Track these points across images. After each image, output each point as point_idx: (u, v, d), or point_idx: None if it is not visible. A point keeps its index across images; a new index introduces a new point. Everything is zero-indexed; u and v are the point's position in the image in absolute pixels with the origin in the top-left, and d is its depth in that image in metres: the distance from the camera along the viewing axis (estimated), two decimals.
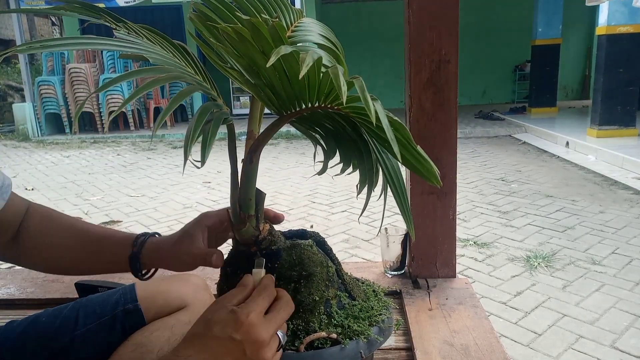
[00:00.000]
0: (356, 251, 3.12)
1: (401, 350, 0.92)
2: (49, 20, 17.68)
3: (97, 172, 5.94)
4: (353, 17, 11.74)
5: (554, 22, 8.95)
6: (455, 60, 1.06)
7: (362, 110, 0.53)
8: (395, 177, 0.59)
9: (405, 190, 0.59)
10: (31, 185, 5.31)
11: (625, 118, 6.26)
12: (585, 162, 5.43)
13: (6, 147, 8.23)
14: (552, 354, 1.96)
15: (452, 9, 1.04)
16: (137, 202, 4.50)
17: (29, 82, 8.98)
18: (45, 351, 0.76)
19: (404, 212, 0.58)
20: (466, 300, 1.06)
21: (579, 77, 12.08)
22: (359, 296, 0.72)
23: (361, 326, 0.66)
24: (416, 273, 1.17)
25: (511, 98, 11.79)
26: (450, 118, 1.08)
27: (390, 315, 0.72)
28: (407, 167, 0.57)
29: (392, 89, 11.67)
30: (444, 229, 1.15)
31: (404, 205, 0.58)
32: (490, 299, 2.41)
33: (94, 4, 0.59)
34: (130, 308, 0.81)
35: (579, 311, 2.27)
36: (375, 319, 0.68)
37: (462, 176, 4.99)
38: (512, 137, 7.59)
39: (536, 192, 4.34)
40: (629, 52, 6.07)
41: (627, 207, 3.80)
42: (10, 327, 0.79)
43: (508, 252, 2.98)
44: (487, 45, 11.62)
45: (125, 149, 7.68)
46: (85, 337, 0.78)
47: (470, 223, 3.56)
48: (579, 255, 2.89)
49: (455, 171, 1.12)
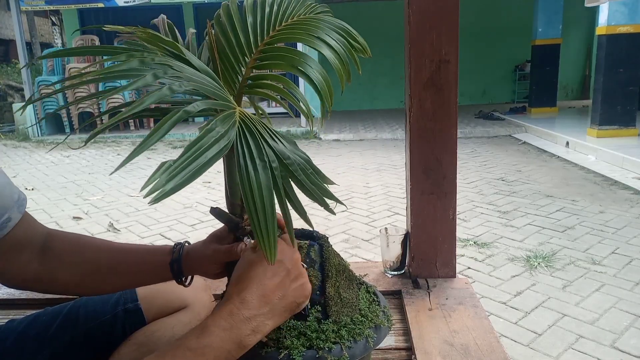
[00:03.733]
0: (356, 251, 3.12)
1: (401, 350, 0.92)
2: (49, 20, 17.68)
3: (97, 172, 5.94)
4: (353, 17, 11.73)
5: (554, 22, 8.95)
6: (455, 60, 1.06)
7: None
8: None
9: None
10: (31, 185, 5.31)
11: (625, 118, 6.26)
12: (585, 162, 5.43)
13: (6, 147, 8.23)
14: (552, 354, 1.96)
15: (452, 9, 1.04)
16: (137, 202, 4.50)
17: (29, 82, 8.98)
18: (46, 350, 0.76)
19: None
20: (466, 300, 1.06)
21: (579, 77, 12.08)
22: (336, 315, 0.67)
23: (295, 344, 0.63)
24: (416, 273, 1.17)
25: (511, 98, 11.79)
26: (450, 118, 1.09)
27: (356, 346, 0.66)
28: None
29: (392, 89, 11.68)
30: (444, 229, 1.15)
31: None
32: (490, 299, 2.41)
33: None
34: (131, 307, 0.81)
35: (579, 311, 2.27)
36: (324, 345, 0.64)
37: (462, 176, 4.99)
38: (512, 137, 7.59)
39: (536, 192, 4.34)
40: (629, 52, 6.07)
41: (627, 207, 3.80)
42: (10, 326, 0.79)
43: (508, 252, 2.98)
44: (487, 45, 11.62)
45: (125, 149, 7.69)
46: (85, 337, 0.78)
47: (470, 223, 3.56)
48: (579, 255, 2.89)
49: (455, 171, 1.12)
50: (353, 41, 0.67)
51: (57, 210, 4.34)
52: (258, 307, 0.57)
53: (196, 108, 0.50)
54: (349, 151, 6.86)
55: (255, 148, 0.52)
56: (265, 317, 0.58)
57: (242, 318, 0.56)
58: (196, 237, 3.39)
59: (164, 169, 0.44)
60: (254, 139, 0.53)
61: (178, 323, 0.81)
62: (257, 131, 0.54)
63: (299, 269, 0.61)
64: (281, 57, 0.63)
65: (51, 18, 17.33)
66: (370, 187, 4.70)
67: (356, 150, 6.91)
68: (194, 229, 3.63)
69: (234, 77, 0.66)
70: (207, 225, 3.68)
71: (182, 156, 0.45)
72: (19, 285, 0.72)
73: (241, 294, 0.57)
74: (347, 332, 0.66)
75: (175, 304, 0.84)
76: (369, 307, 0.73)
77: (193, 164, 0.45)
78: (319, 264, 0.69)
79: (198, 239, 0.74)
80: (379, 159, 6.21)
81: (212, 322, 0.55)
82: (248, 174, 0.50)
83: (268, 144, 0.54)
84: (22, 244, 0.69)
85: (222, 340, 0.54)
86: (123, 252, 0.73)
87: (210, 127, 0.49)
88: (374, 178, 5.10)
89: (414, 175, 1.12)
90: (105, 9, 8.86)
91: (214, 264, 0.70)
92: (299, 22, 0.68)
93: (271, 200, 0.50)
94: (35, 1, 8.72)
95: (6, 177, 0.69)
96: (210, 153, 0.47)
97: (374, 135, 8.02)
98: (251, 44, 0.66)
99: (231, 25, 0.66)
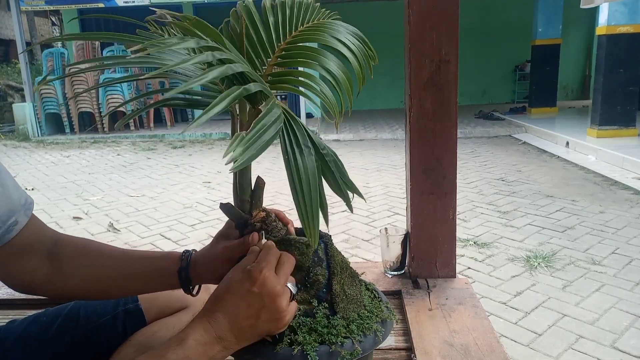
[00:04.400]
0: (356, 251, 3.12)
1: (401, 350, 0.92)
2: (48, 20, 17.68)
3: (97, 172, 5.94)
4: (353, 17, 11.68)
5: (554, 22, 8.95)
6: (455, 60, 1.06)
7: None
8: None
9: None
10: (31, 185, 5.31)
11: (625, 118, 6.26)
12: (585, 162, 5.44)
13: (6, 147, 8.23)
14: (552, 354, 1.96)
15: (452, 9, 1.04)
16: (137, 202, 4.50)
17: (29, 82, 8.98)
18: (46, 351, 0.76)
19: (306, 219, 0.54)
20: (466, 300, 1.06)
21: (579, 77, 12.08)
22: (344, 311, 0.68)
23: (307, 340, 0.64)
24: (416, 273, 1.17)
25: (511, 98, 11.79)
26: (450, 118, 1.08)
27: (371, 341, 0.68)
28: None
29: (392, 89, 11.67)
30: (444, 229, 1.15)
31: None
32: (490, 299, 2.41)
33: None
34: (131, 308, 0.81)
35: (579, 311, 2.27)
36: (335, 339, 0.65)
37: (462, 176, 4.99)
38: (512, 137, 7.59)
39: (536, 192, 4.34)
40: (629, 52, 6.07)
41: (627, 207, 3.80)
42: (11, 326, 0.79)
43: (508, 252, 2.98)
44: (487, 45, 11.62)
45: (125, 149, 7.69)
46: (86, 337, 0.78)
47: (470, 223, 3.56)
48: (579, 255, 2.89)
49: (455, 171, 1.12)
50: (365, 47, 0.70)
51: (57, 210, 4.34)
52: (228, 330, 0.59)
53: (252, 88, 0.51)
54: (349, 151, 6.86)
55: (300, 135, 0.54)
56: (232, 342, 0.60)
57: (214, 336, 0.59)
58: (196, 237, 3.39)
59: (238, 139, 0.46)
60: (299, 127, 0.55)
61: (178, 323, 0.81)
62: (294, 122, 0.56)
63: (277, 304, 0.60)
64: (305, 55, 0.65)
65: (51, 18, 17.34)
66: (370, 187, 4.70)
67: (356, 151, 6.91)
68: (194, 229, 3.62)
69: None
70: (207, 225, 3.68)
71: (251, 131, 0.47)
72: (26, 290, 0.71)
73: (215, 314, 0.60)
74: (357, 326, 0.67)
75: (176, 304, 0.84)
76: (371, 302, 0.74)
77: (260, 139, 0.48)
78: (325, 261, 0.69)
79: (198, 239, 0.74)
80: (379, 159, 6.21)
81: (189, 335, 0.58)
82: (295, 159, 0.52)
83: (308, 133, 0.56)
84: (30, 248, 0.69)
85: (199, 354, 0.57)
86: (132, 258, 0.73)
87: (269, 109, 0.51)
88: (374, 178, 5.10)
89: (414, 175, 1.12)
90: (105, 9, 8.87)
91: (225, 261, 0.70)
92: (319, 25, 0.71)
93: (316, 184, 0.53)
94: (35, 1, 8.72)
95: (14, 181, 0.69)
96: (270, 132, 0.49)
97: (374, 135, 8.03)
98: (273, 42, 0.68)
99: (252, 23, 0.67)
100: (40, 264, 0.70)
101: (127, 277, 0.71)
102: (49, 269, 0.70)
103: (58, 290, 0.71)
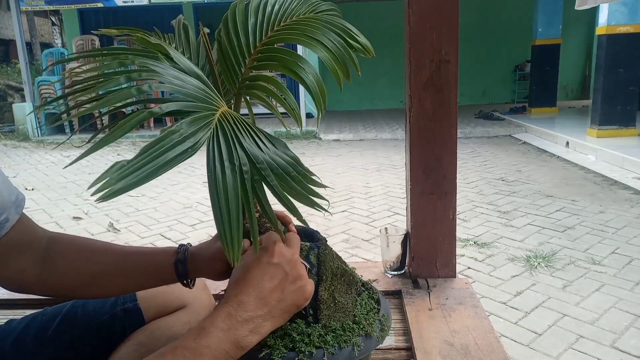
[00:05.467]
0: (356, 251, 3.11)
1: (401, 350, 0.92)
2: (48, 20, 17.69)
3: (97, 172, 5.93)
4: (353, 17, 11.72)
5: (554, 22, 8.95)
6: (455, 60, 1.06)
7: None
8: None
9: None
10: (31, 185, 5.30)
11: (625, 118, 6.26)
12: (585, 162, 5.43)
13: (6, 147, 8.23)
14: (552, 354, 1.96)
15: (452, 9, 1.04)
16: (137, 202, 4.50)
17: (29, 82, 8.98)
18: (45, 350, 0.76)
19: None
20: (466, 300, 1.05)
21: (579, 77, 12.08)
22: (327, 319, 0.66)
23: (276, 344, 0.62)
24: (416, 273, 1.17)
25: (511, 98, 11.79)
26: (450, 118, 1.08)
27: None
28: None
29: (392, 89, 11.68)
30: (444, 229, 1.14)
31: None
32: (490, 299, 2.41)
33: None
34: (130, 307, 0.81)
35: (579, 311, 2.27)
36: (306, 348, 0.62)
37: (462, 176, 4.99)
38: (512, 137, 7.59)
39: (536, 192, 4.34)
40: (629, 52, 6.07)
41: (627, 207, 3.80)
42: (9, 326, 0.79)
43: (508, 252, 2.98)
44: (487, 45, 11.62)
45: (125, 149, 7.69)
46: (84, 337, 0.78)
47: (470, 223, 3.56)
48: (579, 255, 2.89)
49: (455, 171, 1.12)
50: (353, 41, 0.67)
51: (57, 210, 4.34)
52: (255, 309, 0.57)
53: (163, 109, 0.49)
54: (349, 151, 6.86)
55: (226, 150, 0.51)
56: (263, 319, 0.58)
57: (240, 320, 0.56)
58: (196, 237, 3.39)
59: (116, 168, 0.43)
60: (226, 141, 0.51)
61: (177, 322, 0.81)
62: (233, 133, 0.52)
63: (298, 271, 0.61)
64: (276, 58, 0.63)
65: (51, 18, 17.33)
66: (370, 187, 4.70)
67: (356, 150, 6.91)
68: (194, 229, 3.62)
69: (234, 78, 0.66)
70: (207, 225, 3.68)
71: (137, 157, 0.44)
72: (19, 289, 0.70)
73: (239, 296, 0.58)
74: (334, 338, 0.64)
75: (175, 303, 0.84)
76: (366, 314, 0.71)
77: (149, 164, 0.44)
78: (316, 267, 0.68)
79: (198, 239, 0.74)
80: (379, 159, 6.21)
81: (210, 322, 0.56)
82: (215, 176, 0.48)
83: (242, 146, 0.52)
84: (20, 246, 0.68)
85: (220, 341, 0.55)
86: (128, 254, 0.72)
87: (174, 129, 0.47)
88: (374, 178, 5.10)
89: (414, 175, 1.12)
90: (105, 9, 8.87)
91: (220, 261, 0.70)
92: (296, 23, 0.68)
93: (237, 203, 0.49)
94: (35, 1, 8.72)
95: (4, 176, 0.68)
96: (170, 154, 0.45)
97: (374, 135, 8.03)
98: (250, 44, 0.66)
99: (234, 25, 0.66)
100: (31, 262, 0.69)
101: (123, 272, 0.71)
102: (41, 268, 0.69)
103: (53, 288, 0.70)
